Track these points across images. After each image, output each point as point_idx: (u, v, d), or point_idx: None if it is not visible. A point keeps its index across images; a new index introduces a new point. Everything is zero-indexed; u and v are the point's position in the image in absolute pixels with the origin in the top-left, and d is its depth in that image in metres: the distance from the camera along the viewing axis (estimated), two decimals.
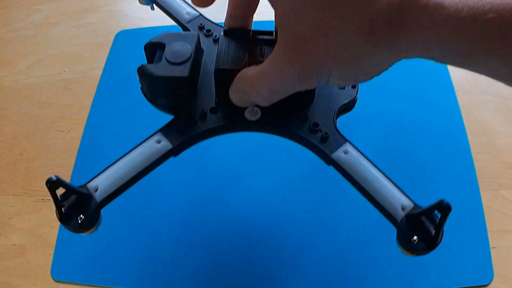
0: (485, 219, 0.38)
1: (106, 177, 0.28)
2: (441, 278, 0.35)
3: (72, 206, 0.27)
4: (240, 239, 0.38)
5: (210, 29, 0.34)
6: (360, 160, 0.28)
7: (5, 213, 0.41)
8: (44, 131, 0.46)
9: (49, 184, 0.25)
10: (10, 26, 0.57)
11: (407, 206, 0.27)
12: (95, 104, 0.48)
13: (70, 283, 0.37)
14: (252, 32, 0.29)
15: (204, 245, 0.38)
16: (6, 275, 0.38)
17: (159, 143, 0.29)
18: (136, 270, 0.37)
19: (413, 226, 0.26)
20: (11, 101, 0.49)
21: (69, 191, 0.27)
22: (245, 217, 0.38)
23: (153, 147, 0.29)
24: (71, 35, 0.55)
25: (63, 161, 0.44)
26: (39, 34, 0.55)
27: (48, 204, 0.41)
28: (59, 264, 0.38)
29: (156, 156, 0.28)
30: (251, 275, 0.36)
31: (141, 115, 0.46)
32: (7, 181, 0.43)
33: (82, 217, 0.27)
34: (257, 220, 0.35)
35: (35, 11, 0.58)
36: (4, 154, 0.45)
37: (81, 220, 0.27)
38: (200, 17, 0.36)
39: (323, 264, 0.36)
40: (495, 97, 0.46)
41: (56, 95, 0.49)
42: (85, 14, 0.57)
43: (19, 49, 0.54)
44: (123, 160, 0.29)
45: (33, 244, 0.39)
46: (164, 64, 0.29)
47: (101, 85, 0.49)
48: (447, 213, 0.25)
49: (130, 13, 0.56)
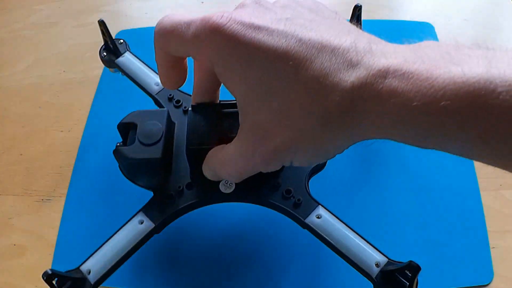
0: (485, 219, 0.38)
1: (96, 260, 0.30)
2: (441, 278, 0.35)
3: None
4: (240, 239, 0.38)
5: (179, 99, 0.36)
6: (332, 223, 0.30)
7: (5, 213, 0.41)
8: (44, 131, 0.46)
9: (45, 277, 0.27)
10: (10, 26, 0.57)
11: (381, 262, 0.29)
12: (95, 104, 0.48)
13: None
14: (220, 105, 0.29)
15: (204, 245, 0.38)
16: (6, 275, 0.38)
17: (141, 223, 0.31)
18: (136, 270, 0.37)
19: (388, 281, 0.28)
20: (11, 101, 0.49)
21: (65, 279, 0.28)
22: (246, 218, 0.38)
23: (136, 228, 0.31)
24: (71, 35, 0.55)
25: (63, 161, 0.44)
26: (39, 34, 0.55)
27: (48, 204, 0.41)
28: (59, 264, 0.38)
29: (141, 237, 0.30)
30: (251, 275, 0.36)
31: None
32: (7, 181, 0.43)
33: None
34: (257, 222, 0.35)
35: (35, 11, 0.58)
36: (4, 154, 0.45)
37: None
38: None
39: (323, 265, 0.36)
40: None
41: (56, 95, 0.49)
42: (85, 14, 0.57)
43: (19, 49, 0.54)
44: (111, 242, 0.31)
45: (33, 244, 0.39)
46: (137, 146, 0.30)
47: (101, 85, 0.49)
48: (417, 273, 0.26)
49: (130, 13, 0.56)
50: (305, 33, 0.21)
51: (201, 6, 0.56)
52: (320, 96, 0.21)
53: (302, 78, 0.21)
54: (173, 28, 0.24)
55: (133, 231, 0.31)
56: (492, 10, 0.54)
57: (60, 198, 0.41)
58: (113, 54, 0.40)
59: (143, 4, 0.57)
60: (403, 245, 0.37)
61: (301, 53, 0.21)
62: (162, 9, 0.56)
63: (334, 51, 0.21)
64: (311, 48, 0.21)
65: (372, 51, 0.21)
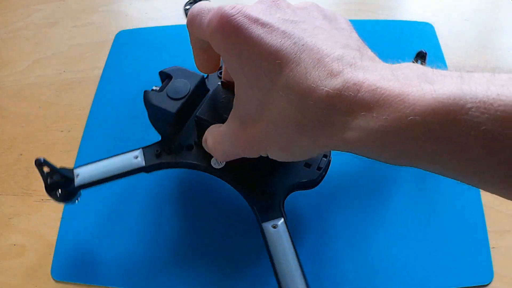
0: (485, 219, 0.38)
1: (87, 170, 0.34)
2: (441, 278, 0.35)
3: (56, 182, 0.33)
4: (240, 239, 0.38)
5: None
6: (282, 239, 0.31)
7: (5, 213, 0.41)
8: (44, 131, 0.46)
9: (37, 162, 0.32)
10: (10, 26, 0.57)
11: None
12: (95, 104, 0.48)
13: (70, 283, 0.37)
14: None
15: (204, 246, 0.38)
16: (6, 275, 0.38)
17: (136, 158, 0.34)
18: (136, 270, 0.37)
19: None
20: (11, 101, 0.49)
21: (54, 171, 0.33)
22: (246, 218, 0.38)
23: (130, 160, 0.34)
24: (71, 35, 0.55)
25: (63, 161, 0.44)
26: (39, 34, 0.55)
27: (48, 204, 0.41)
28: (59, 264, 0.38)
29: (129, 169, 0.34)
30: (251, 275, 0.36)
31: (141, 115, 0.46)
32: (7, 181, 0.43)
33: (60, 191, 0.33)
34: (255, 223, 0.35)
35: (35, 11, 0.58)
36: (4, 154, 0.45)
37: (59, 194, 0.33)
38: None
39: (323, 264, 0.36)
40: None
41: (56, 95, 0.49)
42: (85, 14, 0.57)
43: (19, 49, 0.54)
44: (105, 162, 0.34)
45: (33, 244, 0.39)
46: (163, 96, 0.33)
47: (101, 85, 0.49)
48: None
49: (130, 13, 0.56)
50: (303, 38, 0.22)
51: None
52: (296, 98, 0.22)
53: (284, 77, 0.22)
54: (197, 13, 0.26)
55: (125, 161, 0.34)
56: (492, 10, 0.54)
57: None
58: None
59: (143, 4, 0.57)
60: (402, 244, 0.37)
61: (290, 54, 0.22)
62: (162, 9, 0.56)
63: (321, 59, 0.21)
64: (301, 52, 0.22)
65: (355, 65, 0.21)
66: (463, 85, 0.18)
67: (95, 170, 0.34)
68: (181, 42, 0.51)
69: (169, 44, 0.51)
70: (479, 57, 0.49)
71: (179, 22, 0.53)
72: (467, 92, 0.17)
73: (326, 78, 0.21)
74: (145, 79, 0.48)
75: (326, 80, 0.21)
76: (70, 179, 0.33)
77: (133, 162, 0.34)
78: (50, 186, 0.33)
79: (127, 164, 0.34)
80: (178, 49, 0.50)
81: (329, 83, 0.21)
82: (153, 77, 0.43)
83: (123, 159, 0.34)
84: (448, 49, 0.49)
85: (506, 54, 0.49)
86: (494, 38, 0.51)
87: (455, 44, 0.50)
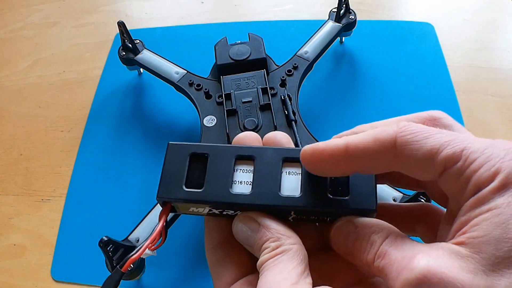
0: None
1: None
2: None
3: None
4: None
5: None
6: None
7: (5, 213, 0.41)
8: (44, 131, 0.46)
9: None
10: (10, 26, 0.57)
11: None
12: (95, 104, 0.48)
13: (70, 283, 0.37)
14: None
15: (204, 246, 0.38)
16: (6, 275, 0.38)
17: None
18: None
19: None
20: (11, 101, 0.49)
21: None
22: None
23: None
24: (71, 35, 0.55)
25: (63, 161, 0.44)
26: (39, 34, 0.55)
27: (48, 204, 0.41)
28: (59, 264, 0.38)
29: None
30: None
31: (141, 115, 0.46)
32: (7, 181, 0.43)
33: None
34: None
35: (35, 11, 0.58)
36: (4, 154, 0.45)
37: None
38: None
39: None
40: (495, 97, 0.46)
41: (56, 95, 0.49)
42: (85, 14, 0.57)
43: (19, 49, 0.54)
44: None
45: (33, 244, 0.39)
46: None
47: (101, 85, 0.49)
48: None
49: (130, 13, 0.56)
50: None
51: (201, 6, 0.56)
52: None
53: None
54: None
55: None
56: (492, 10, 0.53)
57: (60, 198, 0.41)
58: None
59: (143, 4, 0.57)
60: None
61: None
62: (162, 9, 0.56)
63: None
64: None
65: None
66: None
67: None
68: (181, 42, 0.51)
69: (169, 44, 0.51)
70: (479, 57, 0.49)
71: (179, 22, 0.53)
72: None
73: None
74: (145, 79, 0.48)
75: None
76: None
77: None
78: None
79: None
80: (178, 49, 0.50)
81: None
82: (153, 77, 0.43)
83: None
84: (448, 49, 0.49)
85: (506, 54, 0.49)
86: (494, 38, 0.51)
87: (455, 44, 0.50)
